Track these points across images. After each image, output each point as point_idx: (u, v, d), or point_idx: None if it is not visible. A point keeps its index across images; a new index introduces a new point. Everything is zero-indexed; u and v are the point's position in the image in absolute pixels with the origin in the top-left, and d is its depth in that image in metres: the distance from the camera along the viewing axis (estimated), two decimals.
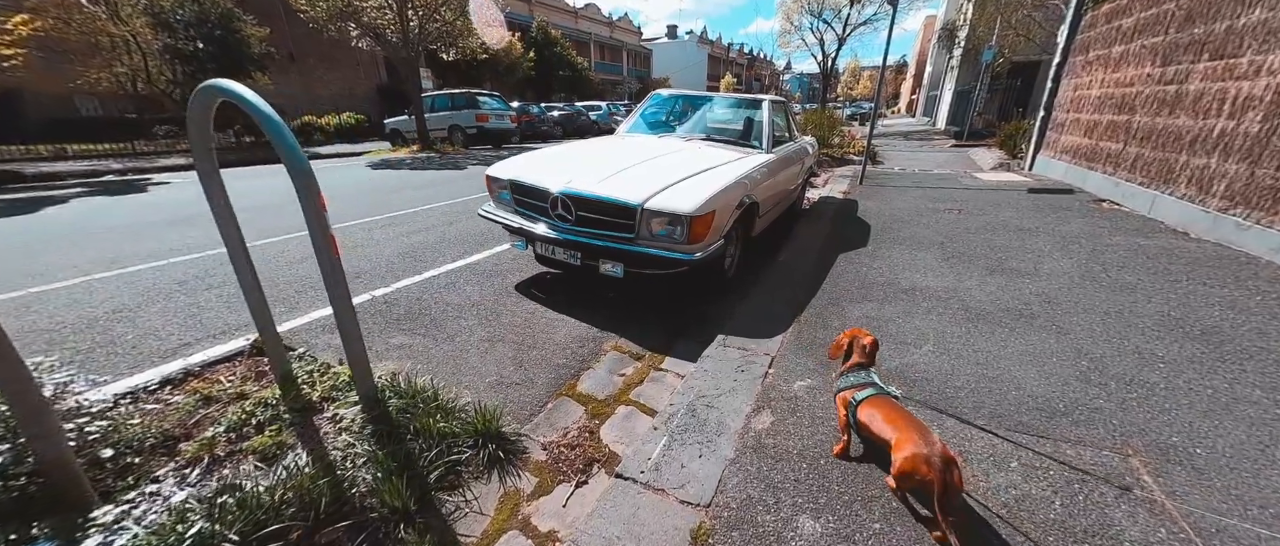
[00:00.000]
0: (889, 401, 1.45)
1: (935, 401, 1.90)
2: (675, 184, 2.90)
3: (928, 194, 6.49)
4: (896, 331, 2.53)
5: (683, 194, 2.78)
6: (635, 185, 2.84)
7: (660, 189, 2.81)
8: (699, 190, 2.81)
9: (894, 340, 2.43)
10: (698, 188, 2.86)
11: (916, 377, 2.04)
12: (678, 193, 2.79)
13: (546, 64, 29.52)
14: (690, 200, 2.69)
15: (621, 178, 2.96)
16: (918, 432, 1.28)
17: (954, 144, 14.99)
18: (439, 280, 3.42)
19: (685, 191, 2.81)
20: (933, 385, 1.98)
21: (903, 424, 1.34)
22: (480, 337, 2.62)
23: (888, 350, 2.31)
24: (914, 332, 2.50)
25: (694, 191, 2.80)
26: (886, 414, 1.40)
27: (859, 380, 1.56)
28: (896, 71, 69.19)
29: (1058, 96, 7.77)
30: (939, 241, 4.14)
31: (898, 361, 2.20)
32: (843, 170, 9.43)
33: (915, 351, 2.31)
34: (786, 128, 5.01)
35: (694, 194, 2.76)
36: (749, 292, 3.19)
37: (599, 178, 2.95)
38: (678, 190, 2.83)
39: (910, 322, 2.62)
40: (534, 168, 3.26)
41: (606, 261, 2.84)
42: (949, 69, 23.94)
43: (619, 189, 2.80)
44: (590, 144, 4.17)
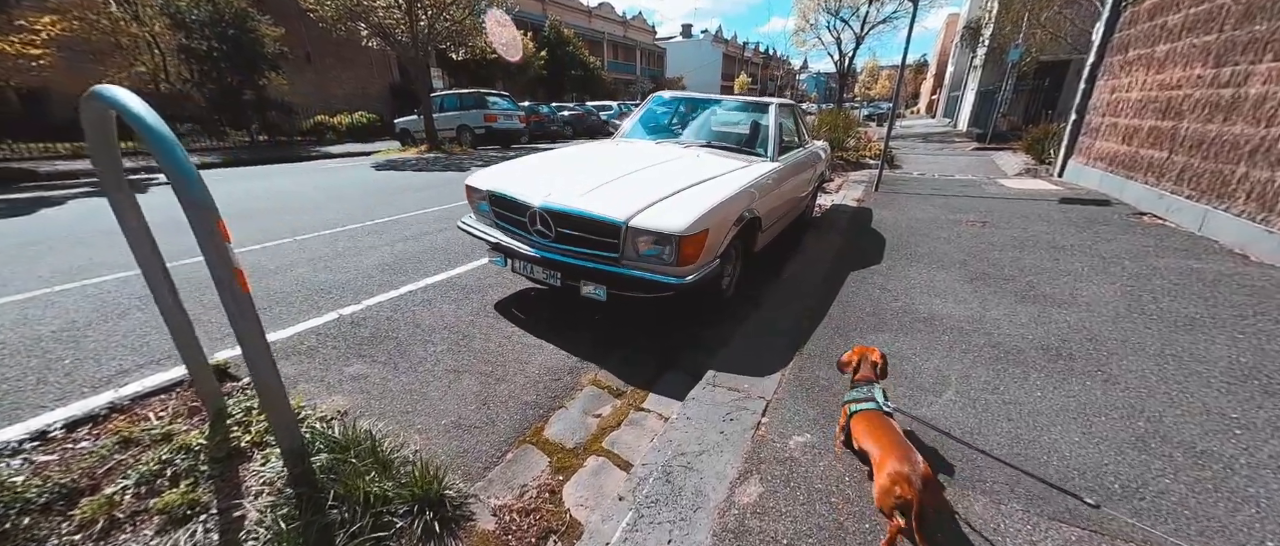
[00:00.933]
0: (881, 418, 1.47)
1: (960, 469, 1.59)
2: (666, 198, 2.62)
3: (948, 202, 6.09)
4: (912, 371, 2.21)
5: (673, 210, 2.50)
6: (621, 199, 2.57)
7: (648, 204, 2.53)
8: (691, 206, 2.53)
9: (910, 382, 2.12)
10: (690, 203, 2.57)
11: (936, 436, 1.73)
12: (668, 208, 2.51)
13: (559, 63, 29.41)
14: (681, 217, 2.41)
15: (607, 191, 2.69)
16: (900, 451, 1.30)
17: (976, 147, 14.39)
18: (415, 296, 3.19)
19: (676, 207, 2.53)
20: (956, 450, 1.67)
21: (886, 441, 1.35)
22: (446, 368, 2.37)
23: (902, 394, 2.00)
24: (933, 375, 2.18)
25: (686, 207, 2.52)
26: (875, 430, 1.43)
27: (861, 394, 1.60)
28: (916, 71, 67.64)
29: (1092, 99, 7.28)
30: (961, 259, 3.78)
31: (914, 408, 1.88)
32: (858, 175, 9.02)
33: (934, 399, 2.00)
34: (796, 132, 4.69)
35: (685, 210, 2.48)
36: (748, 316, 2.89)
37: (582, 190, 2.68)
38: (668, 205, 2.54)
39: (928, 361, 2.29)
40: (515, 178, 3.01)
41: (588, 283, 2.58)
42: (972, 68, 23.14)
43: (603, 204, 2.53)
44: (582, 150, 3.91)
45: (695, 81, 49.89)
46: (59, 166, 10.82)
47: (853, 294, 3.14)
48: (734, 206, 2.79)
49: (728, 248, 2.87)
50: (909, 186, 7.46)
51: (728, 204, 2.71)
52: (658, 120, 4.51)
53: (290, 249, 4.11)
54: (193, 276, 3.33)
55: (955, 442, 1.66)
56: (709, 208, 2.54)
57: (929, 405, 1.96)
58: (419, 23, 13.20)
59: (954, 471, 1.60)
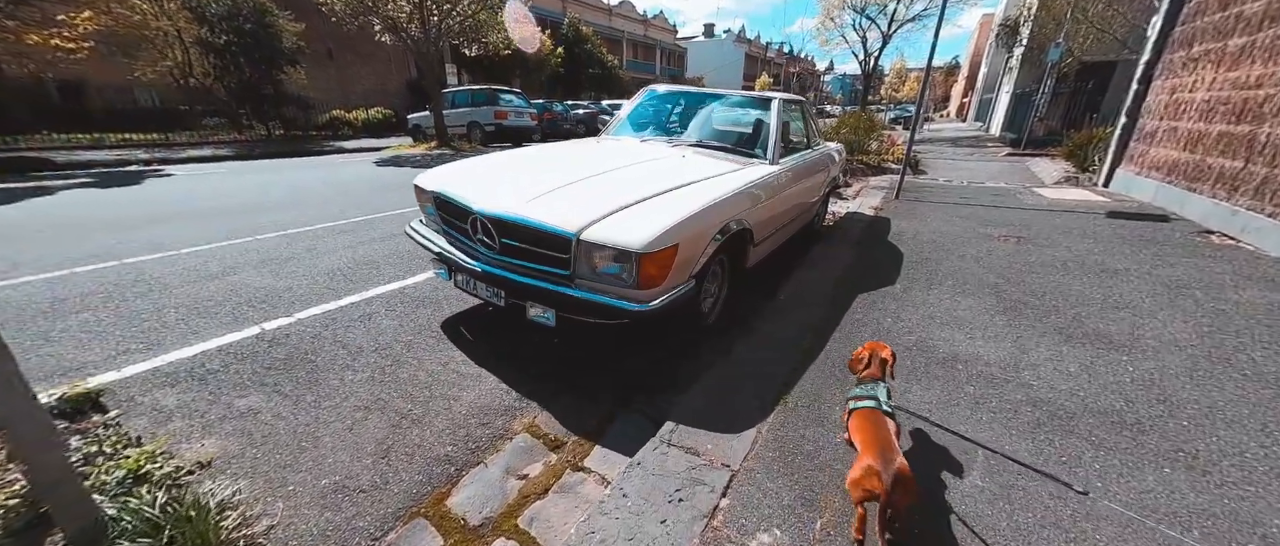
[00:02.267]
0: (875, 416, 1.44)
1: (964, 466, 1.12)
2: (631, 206, 2.18)
3: (977, 213, 5.47)
4: (925, 438, 1.73)
5: (637, 220, 2.06)
6: (577, 206, 2.15)
7: (608, 213, 2.10)
8: (659, 216, 2.09)
9: (923, 455, 1.64)
10: (659, 212, 2.13)
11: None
12: (630, 219, 2.08)
13: (577, 61, 29.18)
14: (643, 230, 1.98)
15: (564, 195, 2.27)
16: (879, 447, 1.29)
17: (1010, 152, 13.50)
18: (356, 309, 2.83)
19: (641, 217, 2.10)
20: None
21: (871, 439, 1.34)
22: (357, 404, 1.99)
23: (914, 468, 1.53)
24: (954, 445, 1.69)
25: (652, 217, 2.08)
26: (865, 426, 1.41)
27: (864, 391, 1.55)
28: (947, 72, 65.32)
29: (1146, 101, 6.53)
30: (992, 283, 3.24)
31: (929, 490, 1.41)
32: (878, 180, 8.40)
33: (956, 483, 1.51)
34: (804, 133, 4.19)
35: (651, 221, 2.04)
36: (732, 348, 2.43)
37: (533, 194, 2.27)
38: (632, 215, 2.11)
39: (948, 421, 1.80)
40: (464, 178, 2.61)
41: (535, 305, 2.17)
42: (1007, 69, 21.97)
43: (552, 211, 2.12)
44: (558, 148, 3.50)
45: (716, 81, 49.17)
46: (76, 157, 11.00)
47: (859, 322, 2.65)
48: (716, 216, 2.34)
49: (708, 265, 2.43)
50: (934, 194, 6.83)
51: (707, 214, 2.27)
52: (649, 116, 4.07)
53: (244, 250, 3.81)
54: (129, 280, 3.04)
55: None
56: (681, 218, 2.10)
57: (951, 488, 1.48)
58: (431, 18, 13.04)
59: (963, 470, 1.56)
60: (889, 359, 1.67)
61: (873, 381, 1.59)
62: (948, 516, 1.40)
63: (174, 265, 3.39)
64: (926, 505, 1.41)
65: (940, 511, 1.42)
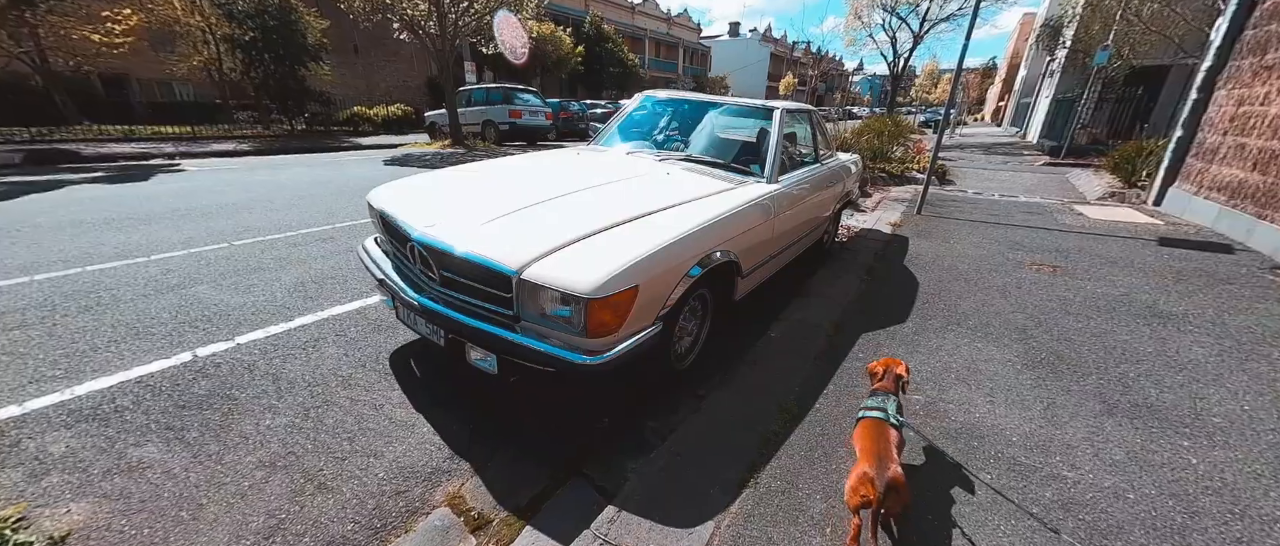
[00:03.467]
0: (878, 427, 1.45)
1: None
2: (589, 237, 1.88)
3: (1008, 234, 4.98)
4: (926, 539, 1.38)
5: (591, 256, 1.76)
6: (525, 237, 1.86)
7: (559, 246, 1.80)
8: (619, 251, 1.79)
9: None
10: (620, 246, 1.83)
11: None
12: (584, 254, 1.78)
13: (598, 60, 28.99)
14: (595, 269, 1.68)
15: (513, 223, 1.99)
16: (876, 456, 1.33)
17: (1048, 162, 12.65)
18: (305, 333, 2.61)
19: (598, 252, 1.80)
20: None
21: (870, 447, 1.38)
22: (263, 458, 1.74)
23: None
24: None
25: (610, 253, 1.78)
26: (866, 436, 1.43)
27: (875, 403, 1.57)
28: (983, 74, 62.78)
29: (1207, 112, 5.88)
30: (1021, 325, 2.82)
31: None
32: (901, 191, 7.88)
33: None
34: (812, 143, 3.82)
35: (607, 258, 1.74)
36: (711, 395, 2.12)
37: (481, 220, 1.99)
38: (587, 250, 1.81)
39: (957, 518, 1.45)
40: (414, 196, 2.36)
41: (475, 348, 1.89)
42: (1048, 73, 20.79)
43: (493, 244, 1.83)
44: (527, 161, 3.22)
45: (740, 81, 48.39)
46: (103, 149, 11.29)
47: (856, 373, 2.29)
48: (693, 248, 2.02)
49: (683, 303, 2.11)
50: (960, 209, 6.31)
51: (681, 246, 1.96)
52: (641, 125, 3.75)
53: (214, 258, 3.66)
54: (93, 289, 2.89)
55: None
56: (644, 254, 1.79)
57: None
58: (447, 16, 12.98)
59: (974, 488, 1.55)
60: (904, 375, 1.71)
61: (885, 394, 1.63)
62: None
63: (135, 274, 3.25)
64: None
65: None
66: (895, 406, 1.58)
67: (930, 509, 1.51)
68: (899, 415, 1.55)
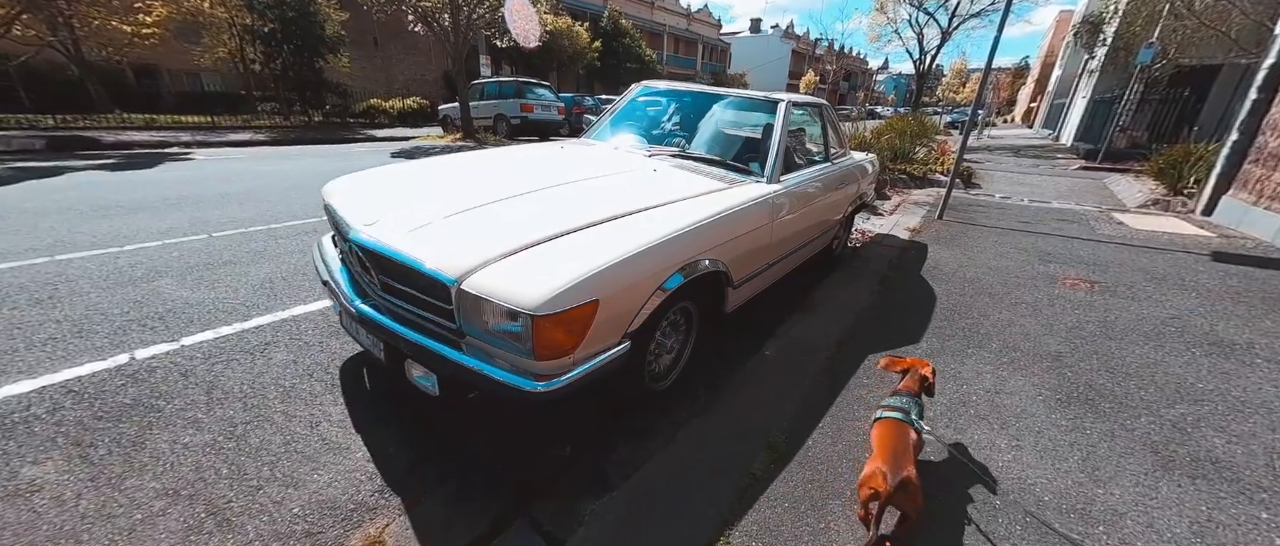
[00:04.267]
0: (899, 428, 1.44)
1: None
2: (547, 242, 1.63)
3: (1039, 244, 4.56)
4: None
5: (544, 265, 1.52)
6: (472, 240, 1.62)
7: (509, 251, 1.56)
8: (576, 259, 1.53)
9: None
10: (580, 253, 1.58)
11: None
12: (536, 262, 1.53)
13: (615, 56, 28.72)
14: (545, 281, 1.43)
15: (463, 223, 1.75)
16: (892, 456, 1.32)
17: (1083, 166, 11.95)
18: (257, 336, 2.42)
19: (554, 259, 1.55)
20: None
21: (885, 447, 1.37)
22: (168, 486, 1.54)
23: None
24: None
25: (567, 261, 1.53)
26: (883, 435, 1.43)
27: (896, 403, 1.54)
28: (1015, 74, 60.53)
29: (1270, 113, 5.33)
30: (1053, 352, 2.47)
31: None
32: (922, 194, 7.45)
33: None
34: (823, 141, 3.50)
35: (562, 267, 1.49)
36: (690, 423, 1.86)
37: (429, 218, 1.76)
38: (541, 256, 1.56)
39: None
40: (364, 189, 2.14)
41: (416, 366, 1.66)
42: (1085, 72, 19.77)
43: (433, 247, 1.59)
44: (504, 154, 2.99)
45: (760, 78, 47.58)
46: (122, 137, 11.49)
47: (858, 403, 2.00)
48: (670, 256, 1.76)
49: (659, 318, 1.86)
50: (986, 215, 5.88)
51: (654, 253, 1.69)
52: (636, 118, 3.48)
53: (188, 250, 3.52)
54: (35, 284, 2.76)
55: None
56: (607, 263, 1.54)
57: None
58: (461, 10, 12.88)
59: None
60: (929, 376, 1.66)
61: (908, 395, 1.58)
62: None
63: (102, 266, 3.13)
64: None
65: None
66: (917, 409, 1.54)
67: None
68: (920, 418, 1.51)
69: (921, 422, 1.50)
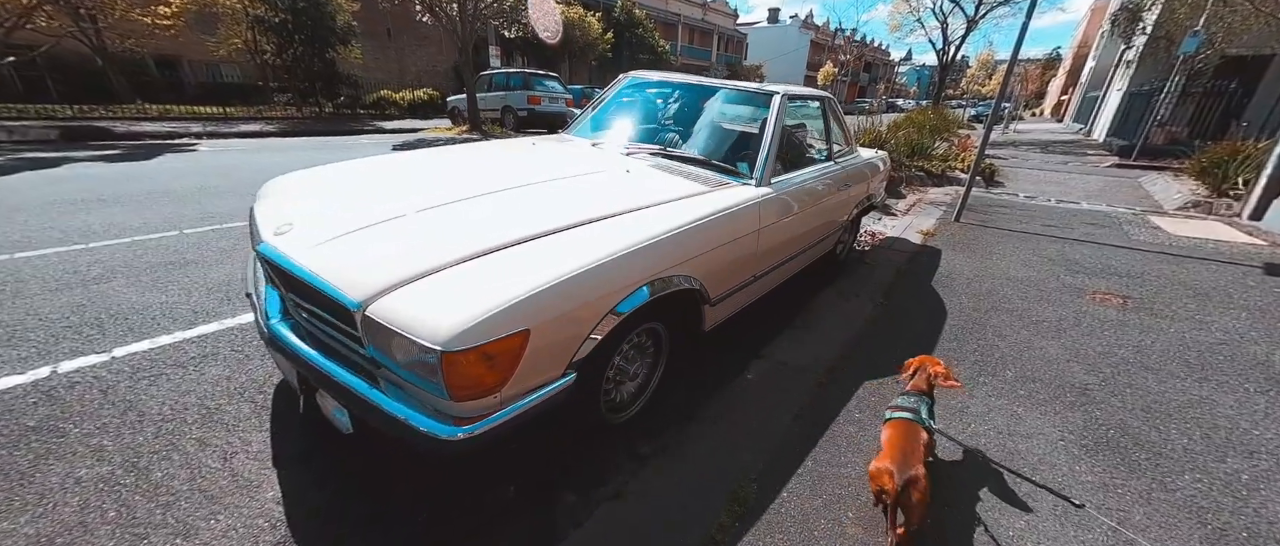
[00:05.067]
0: (910, 429, 1.44)
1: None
2: (475, 258, 1.40)
3: (1065, 251, 4.18)
4: None
5: (465, 286, 1.29)
6: (388, 254, 1.40)
7: (427, 270, 1.33)
8: (504, 281, 1.30)
9: None
10: (510, 273, 1.34)
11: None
12: (455, 283, 1.30)
13: (628, 46, 28.29)
14: (460, 307, 1.20)
15: (384, 233, 1.53)
16: (900, 454, 1.33)
17: (1116, 163, 11.28)
18: (196, 346, 2.25)
19: (478, 280, 1.32)
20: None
21: (894, 445, 1.38)
22: (43, 531, 1.36)
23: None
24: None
25: (492, 283, 1.30)
26: (894, 435, 1.43)
27: (906, 403, 1.53)
28: (1045, 66, 58.16)
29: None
30: (1079, 383, 2.16)
31: None
32: (940, 193, 7.03)
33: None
34: (825, 137, 3.20)
35: (485, 290, 1.26)
36: (651, 462, 1.63)
37: (348, 227, 1.54)
38: (462, 277, 1.33)
39: None
40: (297, 189, 1.94)
41: (329, 398, 1.45)
42: (1122, 63, 18.75)
43: (345, 261, 1.38)
44: (467, 152, 2.77)
45: (777, 69, 46.57)
46: (135, 127, 11.61)
47: (848, 442, 1.73)
48: (622, 275, 1.52)
49: (615, 343, 1.63)
50: (1007, 217, 5.48)
51: (603, 272, 1.45)
52: (621, 111, 3.22)
53: (152, 247, 3.38)
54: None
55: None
56: (540, 286, 1.31)
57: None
58: (468, 1, 12.67)
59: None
60: (937, 374, 1.64)
61: (918, 395, 1.58)
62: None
63: (60, 264, 3.00)
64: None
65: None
66: (927, 408, 1.53)
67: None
68: (931, 418, 1.50)
69: (932, 421, 1.49)
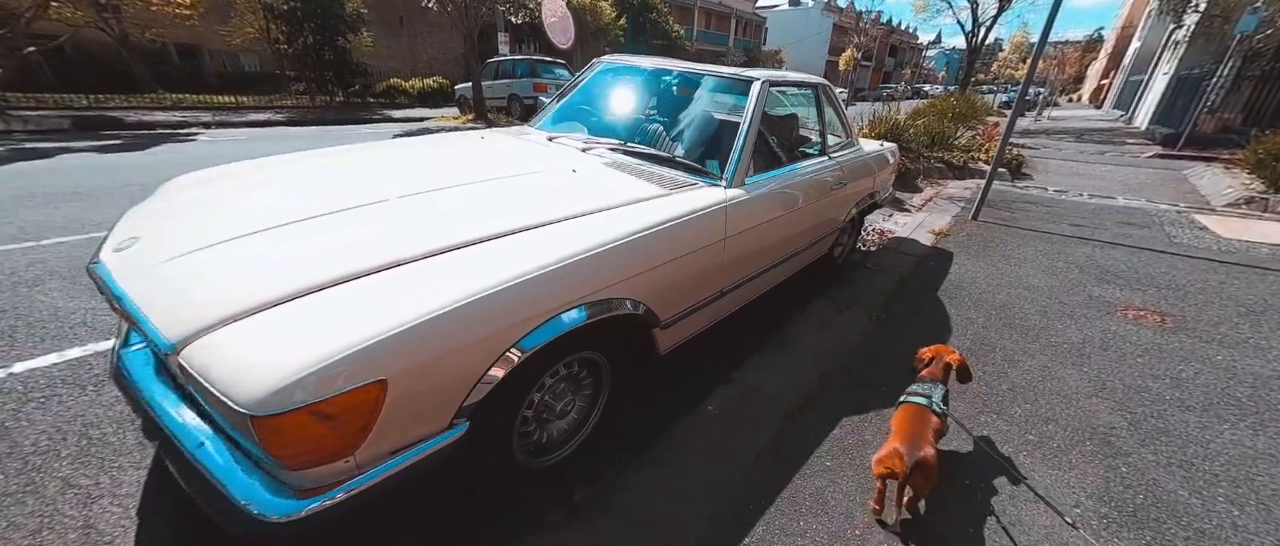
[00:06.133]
0: (920, 413, 1.46)
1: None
2: (330, 288, 1.13)
3: (1096, 256, 3.74)
4: None
5: (299, 329, 1.03)
6: (224, 283, 1.15)
7: (256, 306, 1.07)
8: (351, 322, 1.04)
9: None
10: (365, 309, 1.08)
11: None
12: (289, 323, 1.04)
13: (641, 31, 27.62)
14: (278, 361, 0.94)
15: (238, 252, 1.28)
16: (909, 437, 1.35)
17: (1159, 153, 10.44)
18: (102, 362, 2.07)
19: (321, 318, 1.06)
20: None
21: (906, 429, 1.39)
22: None
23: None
24: None
25: (337, 324, 1.03)
26: (904, 419, 1.45)
27: (920, 389, 1.54)
28: (1085, 48, 55.02)
29: None
30: (1103, 428, 1.81)
31: None
32: (959, 186, 6.54)
33: None
34: (819, 129, 2.84)
35: (322, 335, 1.00)
36: (582, 511, 1.37)
37: (193, 244, 1.30)
38: (301, 314, 1.06)
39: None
40: (191, 192, 1.72)
41: (166, 451, 1.23)
42: (1170, 44, 17.44)
43: (168, 290, 1.14)
44: (407, 146, 2.50)
45: (797, 55, 45.11)
46: (145, 116, 11.74)
47: (813, 501, 1.44)
48: (524, 304, 1.25)
49: (527, 382, 1.37)
50: (1032, 214, 5.00)
51: (494, 302, 1.19)
52: (591, 101, 2.90)
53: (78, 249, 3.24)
54: None
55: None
56: (401, 325, 1.05)
57: None
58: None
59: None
60: (955, 364, 1.63)
61: (931, 381, 1.58)
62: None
63: (1, 265, 2.88)
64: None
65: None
66: (941, 394, 1.54)
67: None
68: (944, 404, 1.51)
69: (944, 407, 1.50)
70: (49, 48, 14.25)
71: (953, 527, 1.40)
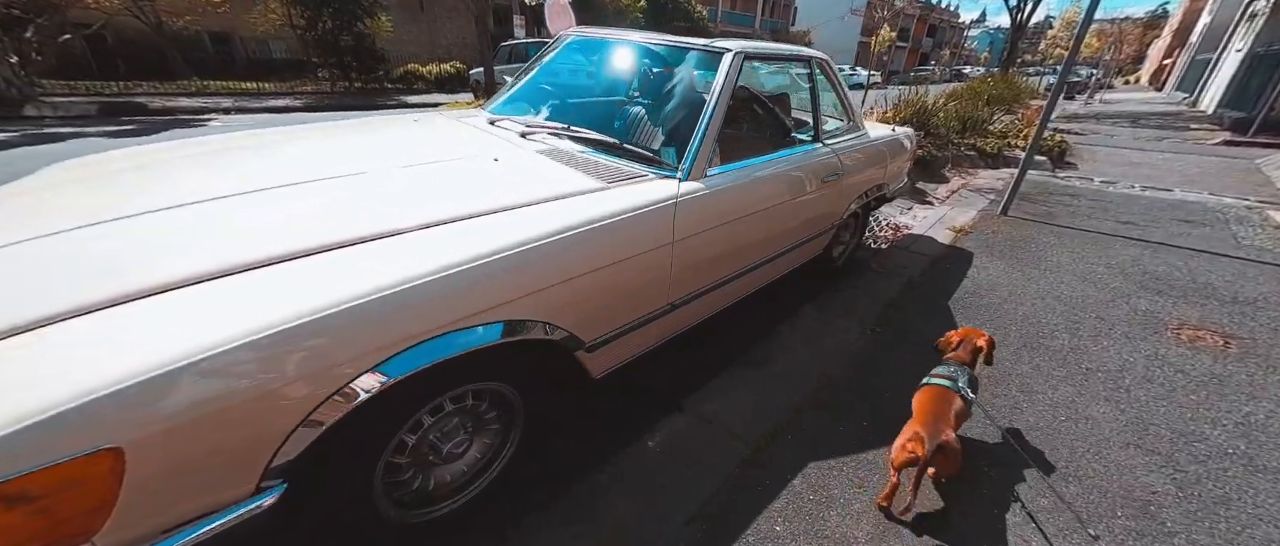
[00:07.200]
0: (943, 394, 1.43)
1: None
2: (76, 316, 0.87)
3: (1143, 259, 3.23)
4: None
5: (33, 368, 0.78)
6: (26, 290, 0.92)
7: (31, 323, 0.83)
8: (62, 372, 0.77)
9: None
10: (100, 350, 0.81)
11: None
12: (25, 359, 0.79)
13: (663, 13, 26.82)
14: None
15: (26, 256, 1.04)
16: (931, 420, 1.32)
17: (1227, 139, 9.38)
18: None
19: (37, 362, 0.80)
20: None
21: (927, 410, 1.37)
22: None
23: None
24: None
25: (41, 374, 0.77)
26: (925, 402, 1.42)
27: (944, 371, 1.51)
28: (1146, 25, 50.78)
29: None
30: (1143, 492, 1.43)
31: None
32: (989, 176, 5.94)
33: None
34: (813, 110, 2.45)
35: (15, 393, 0.74)
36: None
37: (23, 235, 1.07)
38: (17, 352, 0.81)
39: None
40: (41, 183, 1.50)
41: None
42: (1245, 18, 15.72)
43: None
44: (319, 131, 2.24)
45: (826, 36, 43.15)
46: (177, 101, 12.02)
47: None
48: (354, 332, 0.97)
49: (383, 427, 1.11)
50: (1073, 209, 4.43)
51: (308, 334, 0.91)
52: (547, 80, 2.58)
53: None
54: None
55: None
56: (144, 373, 0.77)
57: None
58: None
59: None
60: (984, 347, 1.59)
61: (958, 364, 1.54)
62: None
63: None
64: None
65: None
66: (966, 378, 1.48)
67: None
68: (969, 388, 1.45)
69: (968, 391, 1.45)
70: (89, 35, 14.73)
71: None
